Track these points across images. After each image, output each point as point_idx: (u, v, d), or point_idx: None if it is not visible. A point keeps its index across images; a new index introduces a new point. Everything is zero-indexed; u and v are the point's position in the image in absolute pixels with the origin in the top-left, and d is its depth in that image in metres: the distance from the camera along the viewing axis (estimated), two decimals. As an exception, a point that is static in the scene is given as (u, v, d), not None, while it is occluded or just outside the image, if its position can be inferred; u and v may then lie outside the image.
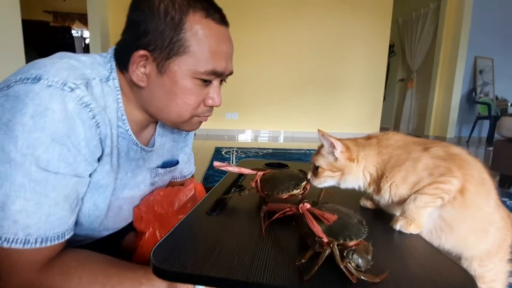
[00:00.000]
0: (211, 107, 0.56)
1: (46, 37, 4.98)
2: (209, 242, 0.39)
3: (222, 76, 0.54)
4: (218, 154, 2.46)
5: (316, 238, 0.34)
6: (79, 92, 0.42)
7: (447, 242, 0.48)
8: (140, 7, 0.48)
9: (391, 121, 5.56)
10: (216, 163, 0.56)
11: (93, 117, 0.44)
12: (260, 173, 0.57)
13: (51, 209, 0.42)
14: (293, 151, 2.81)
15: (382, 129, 4.60)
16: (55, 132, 0.40)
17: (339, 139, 0.50)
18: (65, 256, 0.45)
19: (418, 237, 0.43)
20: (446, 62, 4.32)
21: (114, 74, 0.51)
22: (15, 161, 0.39)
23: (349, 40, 4.00)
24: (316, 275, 0.31)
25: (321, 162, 0.51)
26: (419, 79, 4.84)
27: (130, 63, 0.48)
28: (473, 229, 0.48)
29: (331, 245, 0.33)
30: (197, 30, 0.47)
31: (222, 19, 0.51)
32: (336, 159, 0.49)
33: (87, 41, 6.62)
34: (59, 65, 0.44)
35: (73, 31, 5.83)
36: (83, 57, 0.49)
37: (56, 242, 0.43)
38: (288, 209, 0.43)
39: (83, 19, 6.67)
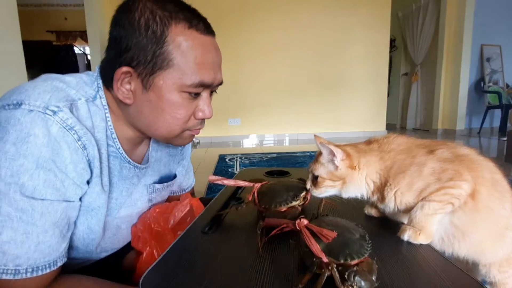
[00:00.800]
0: (202, 119, 0.53)
1: (50, 56, 5.09)
2: (202, 266, 0.36)
3: (211, 87, 0.51)
4: (222, 161, 2.44)
5: (315, 259, 0.31)
6: (62, 115, 0.41)
7: (460, 249, 0.44)
8: (120, 22, 0.46)
9: (397, 117, 5.46)
10: (211, 177, 0.54)
11: (79, 139, 0.42)
12: (257, 185, 0.54)
13: (40, 237, 0.40)
14: (298, 154, 2.77)
15: (389, 125, 4.52)
16: (39, 158, 0.38)
17: (338, 146, 0.47)
18: (57, 286, 0.43)
19: (428, 248, 0.39)
20: (450, 52, 4.23)
21: (101, 92, 0.49)
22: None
23: (349, 37, 3.95)
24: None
25: (320, 171, 0.48)
26: (423, 72, 4.75)
27: (114, 81, 0.46)
28: (488, 234, 0.44)
29: (330, 266, 0.30)
30: (181, 42, 0.45)
31: (206, 28, 0.49)
32: (336, 167, 0.46)
33: (89, 57, 6.77)
34: (41, 88, 0.42)
35: (75, 48, 5.95)
36: (68, 78, 0.48)
37: (48, 270, 0.41)
38: (285, 225, 0.40)
39: (84, 36, 6.81)
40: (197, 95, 0.49)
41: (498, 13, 4.38)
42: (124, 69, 0.45)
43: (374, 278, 0.30)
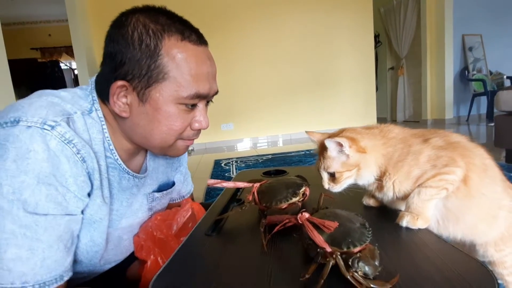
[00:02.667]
0: (198, 130, 0.54)
1: (35, 73, 5.03)
2: (209, 268, 0.37)
3: (207, 98, 0.52)
4: (218, 166, 2.44)
5: (319, 250, 0.32)
6: (60, 129, 0.41)
7: (455, 232, 0.45)
8: (114, 38, 0.46)
9: (386, 110, 5.54)
10: (210, 181, 0.54)
11: (78, 153, 0.42)
12: (256, 185, 0.55)
13: (45, 252, 0.40)
14: (292, 153, 2.78)
15: (379, 119, 4.58)
16: (39, 173, 0.39)
17: (339, 135, 0.48)
18: None
19: (427, 232, 0.41)
20: (433, 44, 4.33)
21: (97, 105, 0.49)
22: (2, 208, 0.37)
23: (334, 36, 4.01)
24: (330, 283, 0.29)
25: (334, 166, 0.47)
26: (409, 65, 4.85)
27: (110, 95, 0.47)
28: (481, 216, 0.46)
29: (335, 255, 0.31)
30: (175, 54, 0.46)
31: (199, 39, 0.50)
32: (347, 156, 0.46)
33: (76, 71, 6.71)
34: (37, 103, 0.42)
35: (61, 64, 5.89)
36: (62, 93, 0.48)
37: (55, 285, 0.41)
38: (287, 220, 0.41)
39: (69, 51, 6.76)
40: (193, 106, 0.50)
41: (477, 3, 4.51)
42: (120, 83, 0.46)
43: (377, 263, 0.31)
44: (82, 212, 0.47)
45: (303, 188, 0.52)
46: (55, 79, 5.47)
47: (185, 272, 0.36)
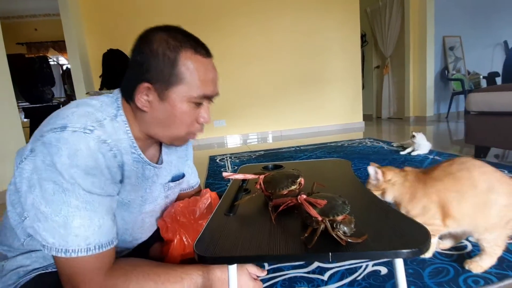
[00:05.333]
0: (202, 125, 0.67)
1: (24, 69, 4.94)
2: (233, 234, 0.51)
3: (211, 98, 0.66)
4: (213, 162, 2.56)
5: (313, 218, 0.46)
6: (97, 132, 0.53)
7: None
8: (142, 50, 0.59)
9: (372, 107, 5.77)
10: (225, 174, 0.68)
11: (110, 150, 0.55)
12: (261, 177, 0.69)
13: (100, 221, 0.53)
14: (283, 149, 2.93)
15: (365, 116, 4.78)
16: (86, 167, 0.51)
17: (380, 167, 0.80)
18: (121, 263, 0.56)
19: (389, 208, 0.56)
20: (416, 45, 4.56)
21: (121, 111, 0.62)
22: (68, 189, 0.50)
23: (322, 35, 4.17)
24: (316, 244, 0.44)
25: (370, 186, 0.80)
26: (393, 64, 5.07)
27: (135, 93, 0.60)
28: (470, 221, 0.72)
29: (324, 221, 0.45)
30: (189, 65, 0.59)
31: (207, 53, 0.63)
32: (378, 180, 0.79)
33: (64, 67, 6.61)
34: (77, 113, 0.55)
35: (49, 60, 5.80)
36: (93, 101, 0.60)
37: (110, 247, 0.55)
38: (289, 201, 0.55)
39: (56, 47, 6.65)
40: (199, 104, 0.63)
41: (457, 7, 4.76)
42: (145, 85, 0.58)
43: (352, 226, 0.45)
44: (118, 194, 0.60)
45: (300, 178, 0.66)
46: (44, 75, 5.39)
47: (216, 237, 0.50)
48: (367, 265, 0.83)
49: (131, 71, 0.61)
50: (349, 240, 0.43)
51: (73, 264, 0.51)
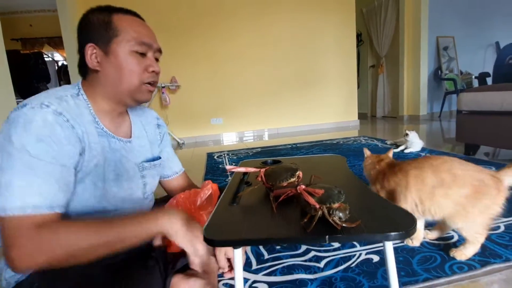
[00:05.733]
0: (153, 72, 0.72)
1: (19, 65, 4.91)
2: (238, 221, 0.55)
3: (152, 48, 0.70)
4: (211, 159, 2.60)
5: (311, 206, 0.51)
6: (53, 107, 0.59)
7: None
8: (80, 27, 0.69)
9: (367, 106, 5.86)
10: (228, 167, 0.72)
11: (67, 121, 0.60)
12: (263, 170, 0.73)
13: (42, 187, 0.54)
14: (280, 147, 2.98)
15: (360, 114, 4.85)
16: (39, 134, 0.55)
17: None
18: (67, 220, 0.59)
19: (378, 197, 0.61)
20: (410, 45, 4.64)
21: (82, 91, 0.69)
22: (14, 155, 0.54)
23: (319, 34, 4.22)
24: (314, 229, 0.48)
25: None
26: (388, 64, 5.15)
27: (85, 57, 0.66)
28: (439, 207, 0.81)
29: (322, 208, 0.50)
30: (122, 20, 0.67)
31: (136, 15, 0.71)
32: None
33: (59, 63, 6.56)
34: (38, 95, 0.61)
35: (44, 56, 5.76)
36: (57, 88, 0.68)
37: (49, 211, 0.55)
38: (289, 191, 0.60)
39: (52, 43, 6.58)
40: (143, 55, 0.69)
41: (450, 8, 4.84)
42: (89, 44, 0.66)
43: (347, 212, 0.50)
44: (76, 168, 0.62)
45: (298, 172, 0.71)
46: (39, 71, 5.36)
47: (222, 224, 0.54)
48: (360, 254, 0.88)
49: (79, 51, 0.69)
50: (344, 225, 0.48)
51: (9, 224, 0.52)
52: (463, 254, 0.82)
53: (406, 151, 2.29)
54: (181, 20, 3.73)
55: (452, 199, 0.77)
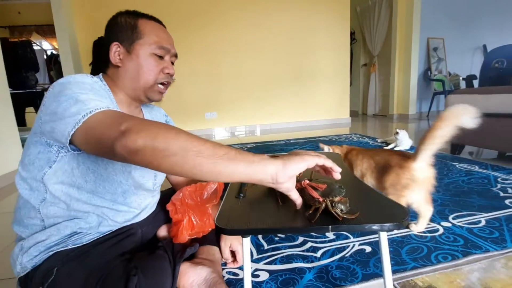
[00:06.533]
0: (168, 74, 0.77)
1: (8, 54, 4.76)
2: (246, 212, 0.60)
3: (169, 52, 0.76)
4: (207, 153, 2.62)
5: (316, 199, 0.56)
6: (94, 78, 0.68)
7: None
8: (108, 28, 0.74)
9: (359, 104, 5.96)
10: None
11: (104, 86, 0.71)
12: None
13: (99, 104, 0.56)
14: (274, 142, 3.03)
15: (352, 112, 4.95)
16: (91, 84, 0.63)
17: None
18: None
19: (374, 191, 0.66)
20: (402, 45, 4.74)
21: (104, 82, 0.73)
22: (72, 83, 0.59)
23: (313, 32, 4.26)
24: (318, 220, 0.53)
25: None
26: (380, 63, 5.25)
27: (109, 54, 0.71)
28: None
29: (325, 201, 0.55)
30: (146, 25, 0.73)
31: (159, 21, 0.78)
32: None
33: (48, 52, 6.38)
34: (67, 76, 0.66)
35: (33, 44, 5.60)
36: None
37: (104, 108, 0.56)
38: (293, 185, 0.64)
39: (40, 31, 6.40)
40: (161, 57, 0.74)
41: (441, 11, 4.96)
42: (115, 43, 0.71)
43: (347, 205, 0.55)
44: None
45: (300, 167, 0.75)
46: (27, 60, 5.21)
47: (232, 215, 0.59)
48: (354, 245, 0.95)
49: (104, 47, 0.74)
50: (345, 216, 0.53)
51: (103, 116, 0.53)
52: (416, 227, 1.02)
53: (395, 149, 2.38)
54: (178, 15, 3.70)
55: (372, 177, 1.07)
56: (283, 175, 0.50)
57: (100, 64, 0.77)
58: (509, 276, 0.76)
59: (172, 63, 0.79)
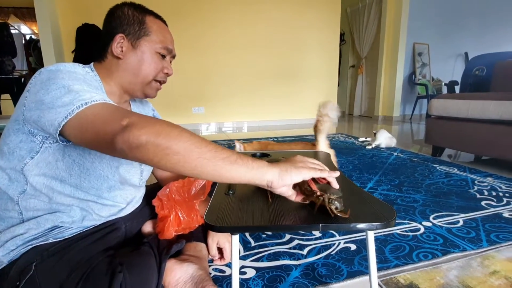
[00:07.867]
0: (166, 74, 0.78)
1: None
2: (236, 209, 0.59)
3: (171, 53, 0.77)
4: (194, 148, 2.59)
5: (314, 192, 0.56)
6: (86, 69, 0.68)
7: None
8: (113, 16, 0.72)
9: (345, 105, 6.06)
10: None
11: (96, 76, 0.70)
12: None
13: (94, 96, 0.55)
14: (262, 139, 3.03)
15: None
16: (83, 74, 0.63)
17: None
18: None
19: (363, 191, 0.68)
20: (389, 48, 4.84)
21: (95, 72, 0.71)
22: (63, 72, 0.58)
23: (303, 31, 4.28)
24: (308, 218, 0.53)
25: None
26: (367, 65, 5.35)
27: (111, 44, 0.70)
28: None
29: (323, 196, 0.55)
30: (154, 23, 0.73)
31: (164, 21, 0.79)
32: None
33: (27, 37, 6.08)
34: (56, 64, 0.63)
35: (10, 27, 5.31)
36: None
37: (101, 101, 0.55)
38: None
39: (19, 13, 6.08)
40: (163, 57, 0.75)
41: (427, 17, 5.09)
42: (120, 35, 0.70)
43: (342, 204, 0.56)
44: None
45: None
46: (4, 44, 4.94)
47: (221, 212, 0.58)
48: (339, 243, 0.96)
49: (105, 35, 0.72)
50: (338, 214, 0.54)
51: (100, 109, 0.51)
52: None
53: (378, 147, 2.44)
54: (166, 10, 3.61)
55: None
56: (278, 183, 0.54)
57: (88, 56, 0.75)
58: (484, 274, 0.80)
59: (171, 62, 0.80)
